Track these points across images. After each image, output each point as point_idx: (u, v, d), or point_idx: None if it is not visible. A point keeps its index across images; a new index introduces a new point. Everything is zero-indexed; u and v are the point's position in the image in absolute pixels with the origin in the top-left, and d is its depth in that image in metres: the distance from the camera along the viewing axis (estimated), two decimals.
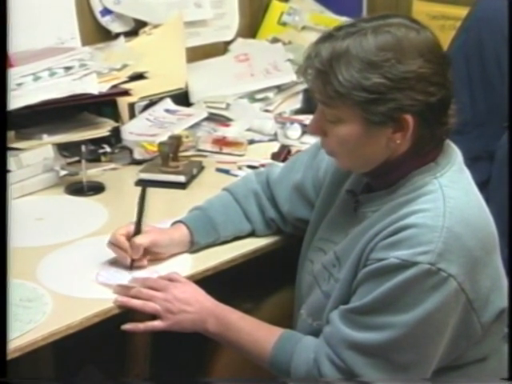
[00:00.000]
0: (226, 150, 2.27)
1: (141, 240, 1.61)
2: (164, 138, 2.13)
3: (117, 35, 2.56)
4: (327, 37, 1.38)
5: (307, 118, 2.39)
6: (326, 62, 1.34)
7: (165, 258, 1.68)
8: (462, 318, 1.39)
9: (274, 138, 2.39)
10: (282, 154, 2.19)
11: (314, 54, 1.37)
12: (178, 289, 1.54)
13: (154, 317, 1.55)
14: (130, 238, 1.62)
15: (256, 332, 1.51)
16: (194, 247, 1.71)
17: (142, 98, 2.34)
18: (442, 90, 1.37)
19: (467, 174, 1.47)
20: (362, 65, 1.32)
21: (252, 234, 1.78)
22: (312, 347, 1.45)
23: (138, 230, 1.63)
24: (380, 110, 1.34)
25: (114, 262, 1.65)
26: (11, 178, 1.90)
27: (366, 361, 1.37)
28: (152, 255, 1.66)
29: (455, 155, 1.47)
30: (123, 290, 1.54)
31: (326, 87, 1.36)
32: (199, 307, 1.52)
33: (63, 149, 2.08)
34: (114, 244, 1.63)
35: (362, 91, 1.33)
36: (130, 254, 1.61)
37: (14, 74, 2.08)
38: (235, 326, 1.51)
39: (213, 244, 1.73)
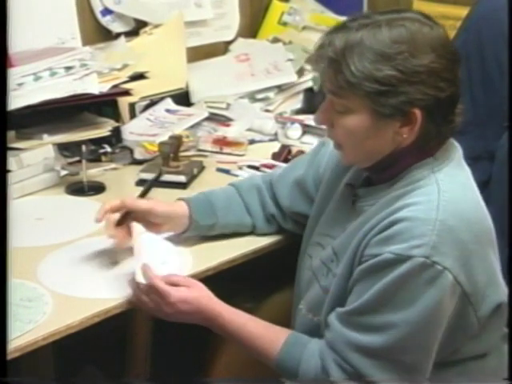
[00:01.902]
0: (226, 149, 2.28)
1: (141, 203, 1.66)
2: (164, 137, 2.13)
3: (117, 35, 2.56)
4: (341, 27, 1.39)
5: (308, 118, 2.39)
6: (339, 52, 1.35)
7: (164, 230, 1.68)
8: (459, 311, 1.39)
9: (275, 137, 2.39)
10: (283, 154, 2.19)
11: (328, 42, 1.37)
12: (179, 303, 1.50)
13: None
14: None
15: (262, 339, 1.49)
16: (192, 226, 1.70)
17: (143, 98, 2.35)
18: (452, 87, 1.38)
19: (466, 170, 1.47)
20: (374, 56, 1.33)
21: (252, 231, 1.78)
22: (318, 354, 1.43)
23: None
24: (390, 103, 1.34)
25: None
26: (12, 177, 1.90)
27: (374, 363, 1.37)
28: (151, 226, 1.65)
29: (455, 151, 1.47)
30: (135, 285, 1.53)
31: (337, 77, 1.36)
32: (200, 318, 1.51)
33: (64, 149, 2.08)
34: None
35: (374, 82, 1.33)
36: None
37: (15, 74, 2.08)
38: (240, 334, 1.50)
39: (212, 230, 1.73)
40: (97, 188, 2.03)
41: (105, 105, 2.23)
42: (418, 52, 1.33)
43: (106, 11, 2.54)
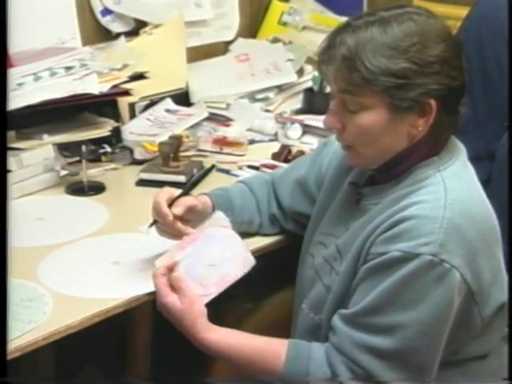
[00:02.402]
0: (226, 150, 2.27)
1: (189, 199, 1.60)
2: (164, 137, 2.13)
3: (117, 35, 2.56)
4: (346, 26, 1.39)
5: (308, 118, 2.39)
6: (353, 49, 1.36)
7: (190, 225, 1.62)
8: (463, 310, 1.38)
9: (275, 138, 2.39)
10: (283, 154, 2.19)
11: (339, 41, 1.38)
12: (162, 308, 1.50)
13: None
14: (171, 200, 1.59)
15: (259, 358, 1.46)
16: None
17: (143, 98, 2.35)
18: (462, 75, 1.40)
19: (471, 169, 1.48)
20: (388, 51, 1.34)
21: (258, 231, 1.76)
22: (325, 362, 1.41)
23: (185, 194, 1.61)
24: (407, 95, 1.36)
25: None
26: (12, 177, 1.90)
27: (384, 364, 1.36)
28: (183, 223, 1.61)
29: (459, 150, 1.48)
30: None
31: (352, 75, 1.36)
32: (181, 329, 1.49)
33: (64, 149, 2.08)
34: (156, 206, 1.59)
35: (390, 76, 1.34)
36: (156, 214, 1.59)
37: (15, 74, 2.08)
38: (233, 361, 1.48)
39: None
40: (97, 188, 2.03)
41: (105, 105, 2.23)
42: (429, 43, 1.35)
43: (106, 11, 2.54)
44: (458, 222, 1.35)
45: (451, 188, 1.39)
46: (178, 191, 1.62)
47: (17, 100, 1.96)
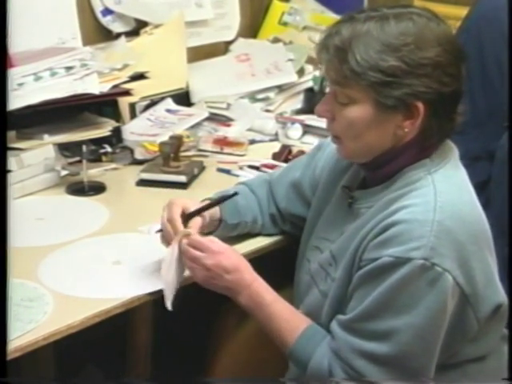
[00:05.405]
0: (227, 149, 2.28)
1: (198, 222, 1.59)
2: (165, 137, 2.13)
3: (118, 35, 2.56)
4: (348, 18, 1.39)
5: (308, 118, 2.39)
6: (346, 41, 1.36)
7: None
8: (458, 312, 1.38)
9: (275, 138, 2.39)
10: (283, 154, 2.19)
11: (335, 31, 1.38)
12: (220, 255, 1.50)
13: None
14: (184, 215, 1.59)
15: (283, 322, 1.48)
16: (221, 226, 1.68)
17: (143, 98, 2.35)
18: (456, 83, 1.39)
19: (462, 172, 1.47)
20: (381, 46, 1.34)
21: (261, 231, 1.76)
22: (327, 358, 1.42)
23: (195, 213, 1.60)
24: (393, 94, 1.35)
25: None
26: (12, 177, 1.90)
27: (380, 369, 1.36)
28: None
29: (451, 152, 1.47)
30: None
31: (342, 66, 1.36)
32: (234, 281, 1.49)
33: (64, 149, 2.08)
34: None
35: (378, 72, 1.34)
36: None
37: (15, 74, 2.08)
38: (266, 309, 1.49)
39: (235, 230, 1.71)
40: (97, 188, 2.03)
41: (105, 105, 2.23)
42: (424, 45, 1.35)
43: (107, 11, 2.54)
44: (449, 225, 1.34)
45: (441, 190, 1.38)
46: (190, 204, 1.60)
47: (17, 100, 1.96)
